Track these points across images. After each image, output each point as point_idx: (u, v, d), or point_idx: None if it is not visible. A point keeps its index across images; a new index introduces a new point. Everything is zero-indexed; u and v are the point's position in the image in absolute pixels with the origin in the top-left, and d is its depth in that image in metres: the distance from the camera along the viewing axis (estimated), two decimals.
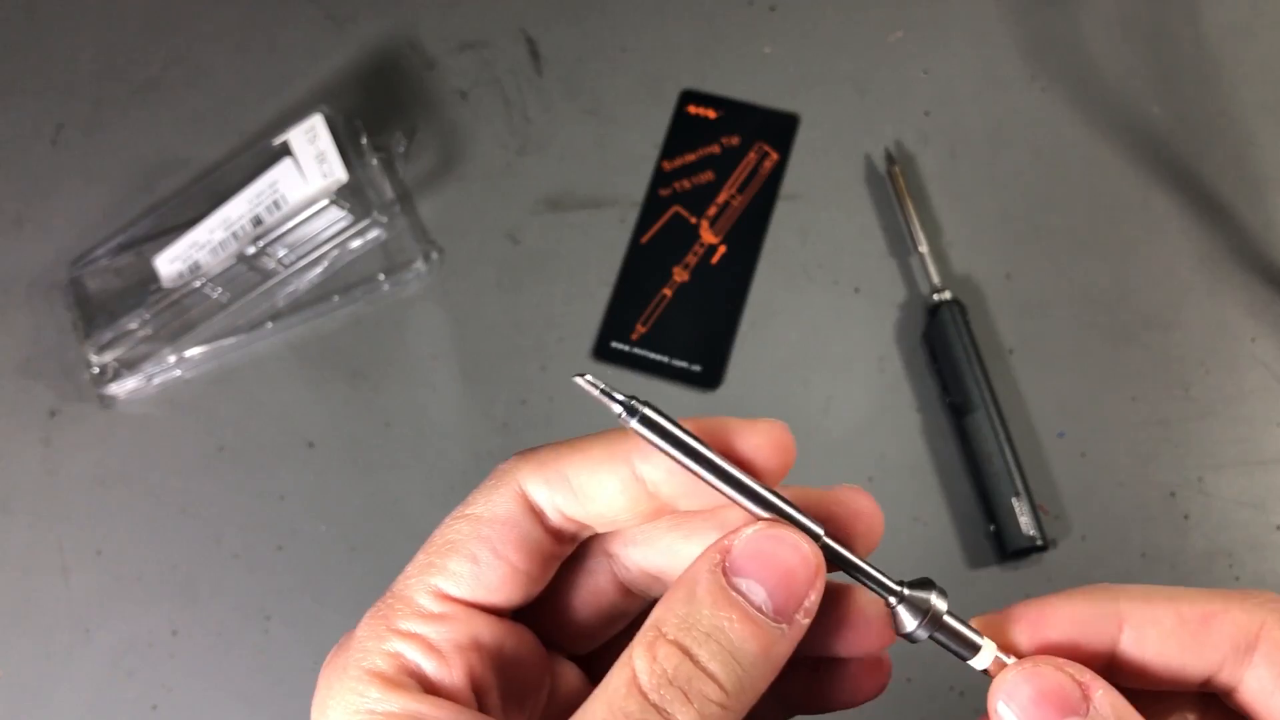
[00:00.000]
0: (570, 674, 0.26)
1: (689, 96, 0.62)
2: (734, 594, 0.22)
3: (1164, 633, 0.21)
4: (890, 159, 0.59)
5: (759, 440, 0.25)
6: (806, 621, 0.22)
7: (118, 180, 0.62)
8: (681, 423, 0.24)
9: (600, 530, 0.25)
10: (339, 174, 0.55)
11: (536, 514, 0.24)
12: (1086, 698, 0.20)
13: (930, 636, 0.23)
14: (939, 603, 0.23)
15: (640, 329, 0.57)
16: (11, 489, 0.56)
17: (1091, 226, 0.59)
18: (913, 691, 0.51)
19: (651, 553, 0.25)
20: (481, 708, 0.23)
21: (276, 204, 0.56)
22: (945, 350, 0.54)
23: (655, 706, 0.21)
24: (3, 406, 0.58)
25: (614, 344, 0.57)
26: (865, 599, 0.25)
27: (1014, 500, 0.51)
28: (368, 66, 0.64)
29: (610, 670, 0.22)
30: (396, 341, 0.58)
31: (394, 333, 0.58)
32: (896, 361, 0.56)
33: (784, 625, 0.22)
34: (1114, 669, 0.22)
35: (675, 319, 0.58)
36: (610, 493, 0.24)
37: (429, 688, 0.22)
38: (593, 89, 0.63)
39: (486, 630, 0.23)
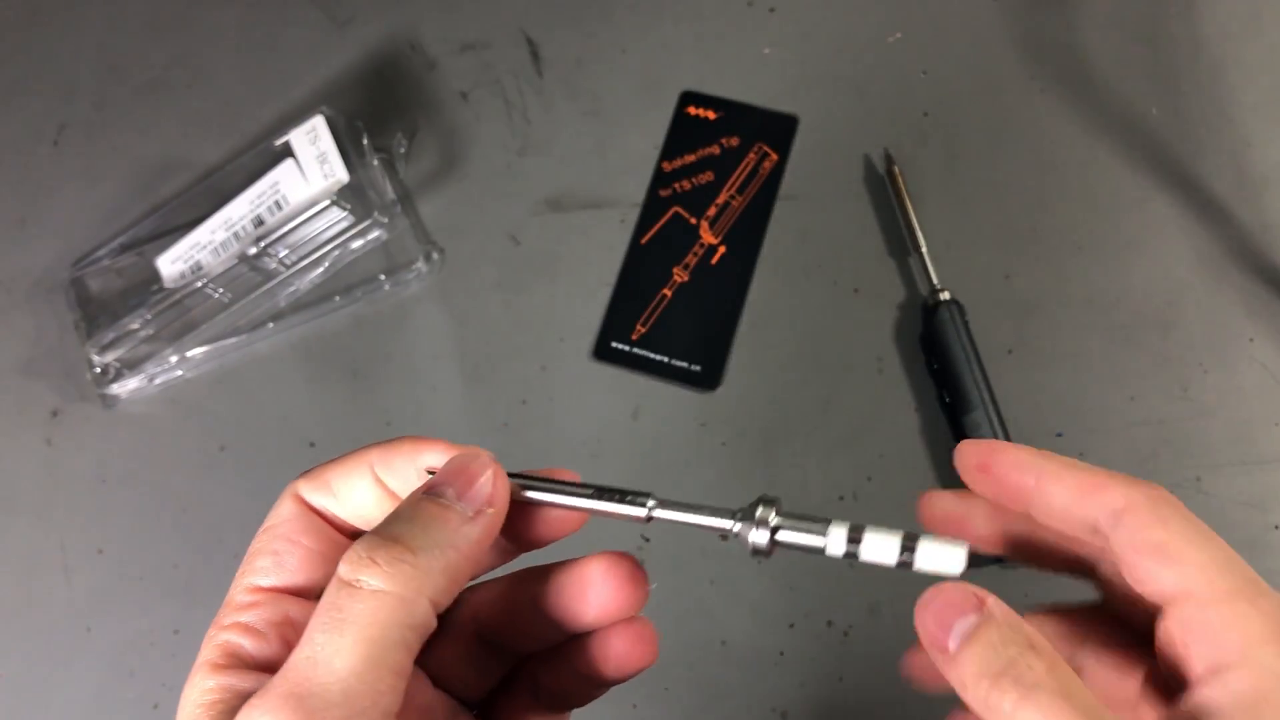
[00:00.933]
0: None
1: (689, 98, 0.62)
2: (436, 498, 0.27)
3: (1064, 488, 0.28)
4: (889, 159, 0.59)
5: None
6: (491, 512, 0.27)
7: (119, 181, 0.62)
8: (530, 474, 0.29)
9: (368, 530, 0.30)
10: (340, 175, 0.55)
11: (316, 511, 0.29)
12: (982, 602, 0.26)
13: (773, 541, 0.28)
14: (765, 510, 0.28)
15: (640, 329, 0.58)
16: (13, 488, 0.56)
17: (1089, 227, 0.59)
18: (912, 690, 0.51)
19: None
20: None
21: (278, 204, 0.56)
22: (944, 350, 0.54)
23: (347, 583, 0.25)
24: (5, 406, 0.58)
25: (614, 344, 0.57)
26: (593, 569, 0.30)
27: None
28: (369, 68, 0.64)
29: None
30: (397, 341, 0.58)
31: (395, 333, 0.58)
32: (895, 362, 0.56)
33: (469, 510, 0.27)
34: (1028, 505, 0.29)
35: (675, 319, 0.58)
36: (360, 494, 0.29)
37: (253, 663, 0.26)
38: (593, 90, 0.63)
39: (297, 609, 0.28)
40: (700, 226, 0.60)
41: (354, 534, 0.30)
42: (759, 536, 0.28)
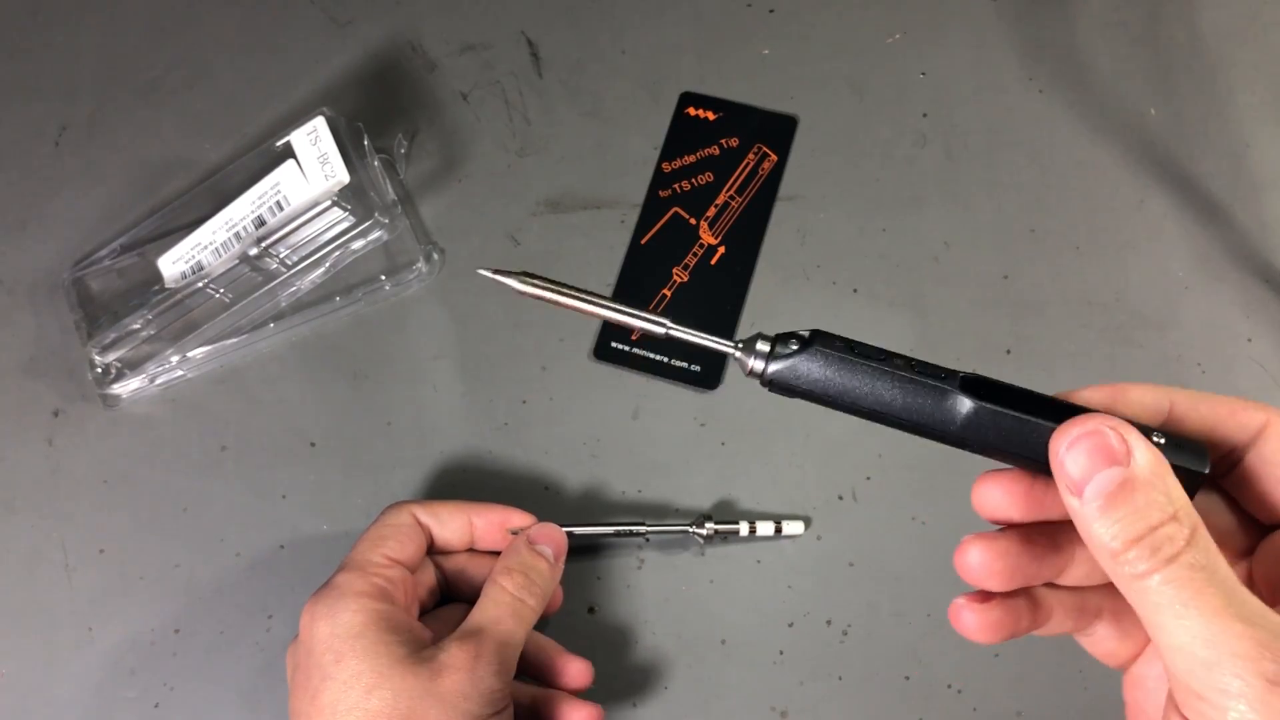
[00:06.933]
0: (430, 598, 0.49)
1: (688, 98, 0.63)
2: (537, 551, 0.47)
3: (1204, 412, 0.29)
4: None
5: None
6: (561, 565, 0.48)
7: (120, 182, 0.63)
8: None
9: (448, 549, 0.49)
10: (341, 175, 0.55)
11: (421, 525, 0.48)
12: (1128, 453, 0.25)
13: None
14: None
15: None
16: (15, 488, 0.56)
17: (1088, 227, 0.59)
18: (910, 689, 0.51)
19: (463, 563, 0.50)
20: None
21: (279, 205, 0.56)
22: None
23: (518, 598, 0.44)
24: (6, 406, 0.58)
25: (614, 344, 0.57)
26: (575, 668, 0.49)
27: None
28: (369, 69, 0.64)
29: (485, 588, 0.45)
30: (398, 341, 0.58)
31: (395, 333, 0.58)
32: None
33: (555, 563, 0.47)
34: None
35: (675, 319, 0.58)
36: (456, 526, 0.48)
37: (388, 598, 0.43)
38: (593, 91, 0.63)
39: (402, 575, 0.45)
40: (700, 227, 0.60)
41: (439, 547, 0.49)
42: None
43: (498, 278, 0.30)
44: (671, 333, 0.31)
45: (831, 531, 0.54)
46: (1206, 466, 0.27)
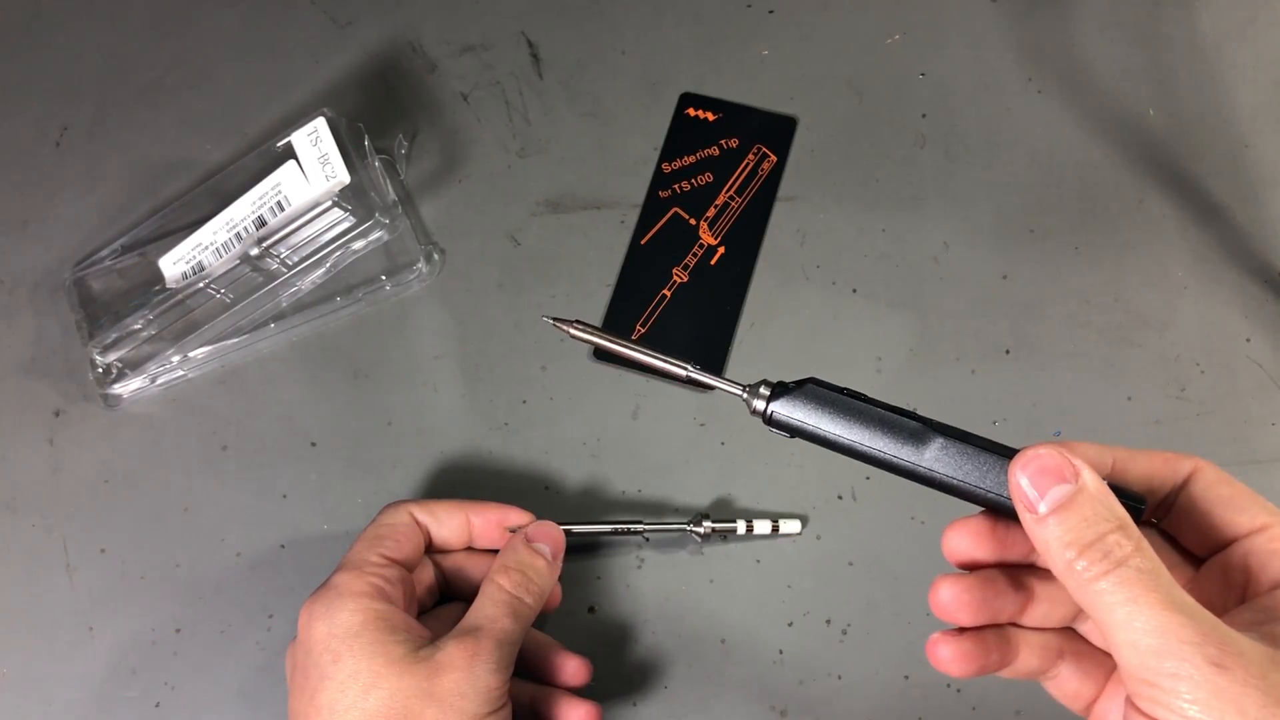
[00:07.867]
0: (428, 597, 0.49)
1: (688, 99, 0.63)
2: (535, 549, 0.47)
3: (1143, 464, 0.33)
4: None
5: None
6: (559, 563, 0.47)
7: (121, 182, 0.63)
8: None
9: (446, 548, 0.49)
10: (342, 176, 0.55)
11: (419, 524, 0.48)
12: (1078, 473, 0.29)
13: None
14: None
15: (640, 329, 0.58)
16: (16, 488, 0.57)
17: (1087, 228, 0.59)
18: (910, 689, 0.51)
19: (461, 562, 0.50)
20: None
21: (280, 205, 0.56)
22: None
23: (515, 596, 0.44)
24: (7, 406, 0.58)
25: None
26: (573, 665, 0.48)
27: None
28: (370, 69, 0.65)
29: (483, 586, 0.45)
30: (398, 341, 0.58)
31: (396, 333, 0.58)
32: (894, 361, 0.57)
33: (553, 561, 0.47)
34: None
35: (675, 320, 0.58)
36: (453, 525, 0.48)
37: (387, 597, 0.43)
38: (593, 92, 0.63)
39: (399, 574, 0.45)
40: (700, 227, 0.60)
41: (438, 546, 0.49)
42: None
43: (559, 325, 0.39)
44: (692, 375, 0.37)
45: (831, 531, 0.54)
46: (1144, 501, 0.32)
